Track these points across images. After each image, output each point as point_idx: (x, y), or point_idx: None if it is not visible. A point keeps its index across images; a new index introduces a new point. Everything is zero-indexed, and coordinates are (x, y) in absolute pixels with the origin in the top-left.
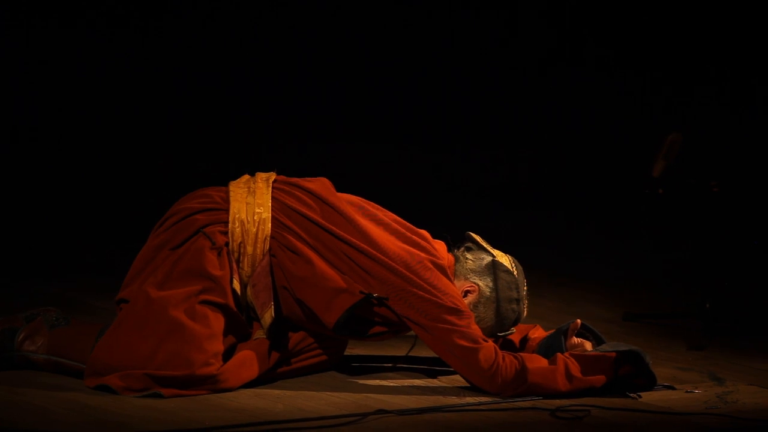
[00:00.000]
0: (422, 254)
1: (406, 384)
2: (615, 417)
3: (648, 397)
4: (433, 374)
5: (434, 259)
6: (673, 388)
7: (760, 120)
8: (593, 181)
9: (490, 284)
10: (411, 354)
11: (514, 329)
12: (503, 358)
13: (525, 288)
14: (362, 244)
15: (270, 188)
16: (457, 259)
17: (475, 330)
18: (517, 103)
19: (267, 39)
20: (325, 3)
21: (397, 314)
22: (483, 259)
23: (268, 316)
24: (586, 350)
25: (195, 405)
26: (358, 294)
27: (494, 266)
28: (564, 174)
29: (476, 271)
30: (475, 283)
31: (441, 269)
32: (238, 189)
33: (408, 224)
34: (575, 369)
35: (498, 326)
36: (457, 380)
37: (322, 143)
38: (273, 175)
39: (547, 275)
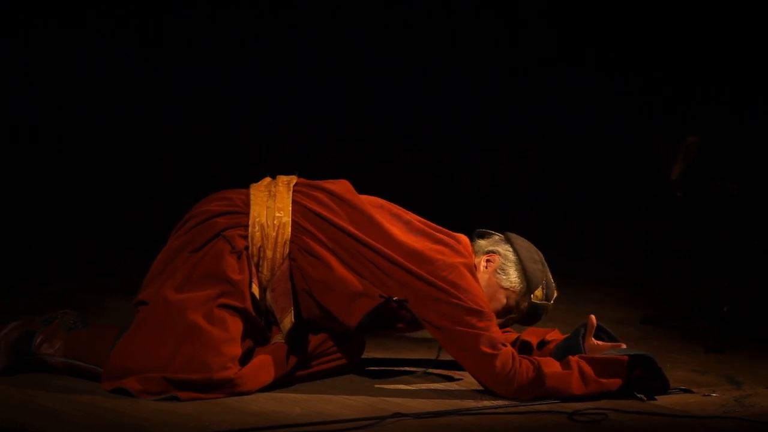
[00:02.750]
0: (446, 250)
1: (423, 387)
2: (632, 420)
3: (665, 401)
4: (450, 378)
5: (457, 254)
6: (690, 392)
7: (761, 120)
8: (593, 181)
9: (509, 249)
10: (425, 357)
11: (551, 302)
12: (520, 363)
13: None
14: (382, 247)
15: (291, 192)
16: (474, 248)
17: (496, 333)
18: (517, 103)
19: (267, 39)
20: (325, 3)
21: (417, 317)
22: (495, 236)
23: (287, 320)
24: (601, 352)
25: (212, 408)
26: (378, 298)
27: (508, 237)
28: (564, 174)
29: (492, 243)
30: (492, 251)
31: (465, 265)
32: (258, 192)
33: (430, 223)
34: (589, 372)
35: (528, 289)
36: (474, 384)
37: (322, 143)
38: (294, 179)
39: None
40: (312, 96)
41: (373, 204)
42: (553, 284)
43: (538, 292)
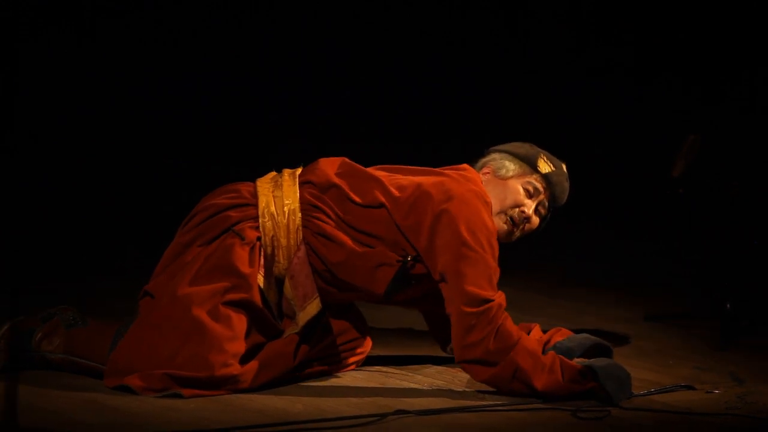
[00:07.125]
0: (446, 180)
1: (425, 385)
2: (635, 417)
3: (668, 398)
4: (453, 375)
5: (457, 182)
6: (693, 389)
7: (760, 119)
8: (593, 181)
9: (495, 154)
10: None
11: (563, 167)
12: (502, 323)
13: None
14: (389, 204)
15: (296, 180)
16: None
17: (483, 283)
18: (519, 103)
19: (268, 39)
20: (327, 3)
21: (428, 269)
22: (481, 157)
23: (314, 306)
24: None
25: (215, 405)
26: (396, 263)
27: (489, 150)
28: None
29: (481, 161)
30: (484, 163)
31: (468, 190)
32: (264, 184)
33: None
34: (560, 368)
35: (531, 165)
36: (477, 383)
37: (323, 143)
38: (299, 169)
39: (552, 276)
40: (312, 96)
41: (374, 168)
42: (552, 156)
43: (542, 164)
